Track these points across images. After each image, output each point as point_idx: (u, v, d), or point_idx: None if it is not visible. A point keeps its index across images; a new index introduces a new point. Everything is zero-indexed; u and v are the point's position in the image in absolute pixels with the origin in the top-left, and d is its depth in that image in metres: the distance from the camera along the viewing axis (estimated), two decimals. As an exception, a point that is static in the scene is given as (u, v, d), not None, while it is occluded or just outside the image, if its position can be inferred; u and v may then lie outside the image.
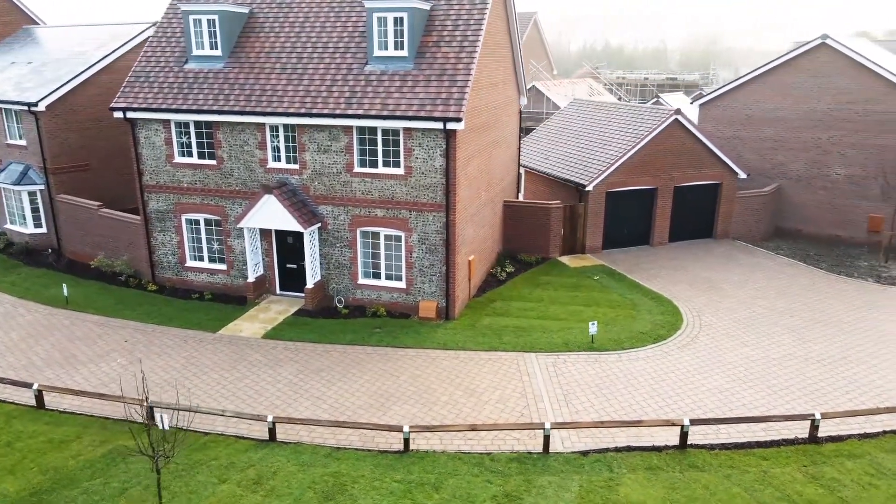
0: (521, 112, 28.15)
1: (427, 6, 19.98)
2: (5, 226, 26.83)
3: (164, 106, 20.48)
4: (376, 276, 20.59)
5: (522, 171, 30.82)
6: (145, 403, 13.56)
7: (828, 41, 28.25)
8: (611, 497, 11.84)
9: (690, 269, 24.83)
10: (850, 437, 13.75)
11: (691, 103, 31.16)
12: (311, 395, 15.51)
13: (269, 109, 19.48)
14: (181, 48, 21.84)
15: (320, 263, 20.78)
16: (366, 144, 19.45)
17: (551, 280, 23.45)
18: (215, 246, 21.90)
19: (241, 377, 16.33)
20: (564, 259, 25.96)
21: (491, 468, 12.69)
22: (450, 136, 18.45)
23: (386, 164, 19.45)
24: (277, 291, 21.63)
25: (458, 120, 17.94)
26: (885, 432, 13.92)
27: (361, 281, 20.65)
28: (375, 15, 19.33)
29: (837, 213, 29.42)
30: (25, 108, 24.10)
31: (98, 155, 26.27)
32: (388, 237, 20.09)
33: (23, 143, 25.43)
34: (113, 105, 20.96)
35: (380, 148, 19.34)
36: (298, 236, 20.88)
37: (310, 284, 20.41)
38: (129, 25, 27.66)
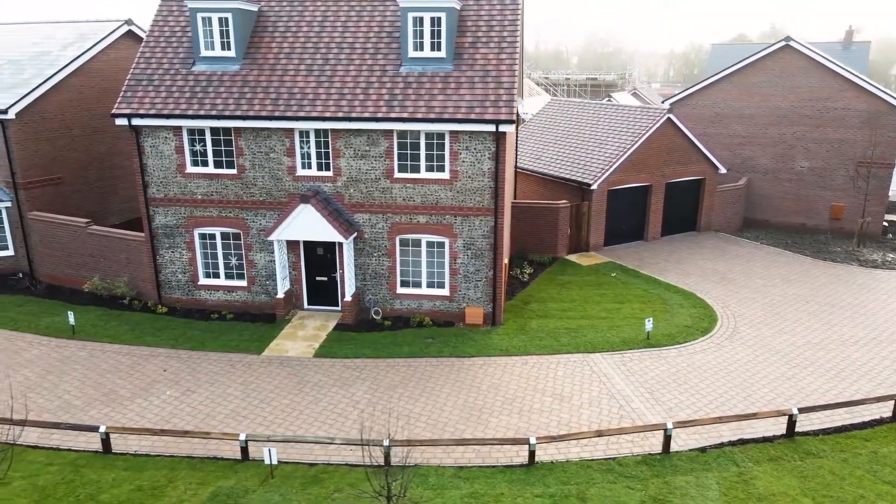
0: (517, 113, 28.14)
1: (459, 6, 19.53)
2: (-40, 249, 23.70)
3: (176, 112, 18.78)
4: (416, 284, 19.91)
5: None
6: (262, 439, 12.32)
7: (791, 43, 30.23)
8: (752, 492, 12.04)
9: (692, 261, 25.80)
10: (925, 412, 14.75)
11: (662, 102, 32.34)
12: (400, 413, 14.74)
13: (301, 114, 18.34)
14: (185, 48, 20.13)
15: (355, 274, 19.83)
16: (407, 149, 18.74)
17: (572, 279, 23.63)
18: (233, 261, 20.37)
19: (314, 401, 15.26)
20: (573, 258, 26.24)
21: (623, 473, 12.57)
22: (500, 138, 18.13)
23: (429, 168, 18.83)
24: (305, 306, 20.43)
25: (512, 122, 17.67)
26: (951, 405, 15.04)
27: (400, 290, 19.89)
28: (411, 15, 18.66)
29: (802, 203, 31.58)
30: (-9, 115, 21.37)
31: (70, 167, 23.78)
32: (430, 244, 19.47)
33: (-18, 155, 22.55)
34: (115, 111, 18.98)
35: (423, 152, 18.70)
36: (330, 247, 19.82)
37: (347, 297, 19.43)
38: (96, 24, 25.19)
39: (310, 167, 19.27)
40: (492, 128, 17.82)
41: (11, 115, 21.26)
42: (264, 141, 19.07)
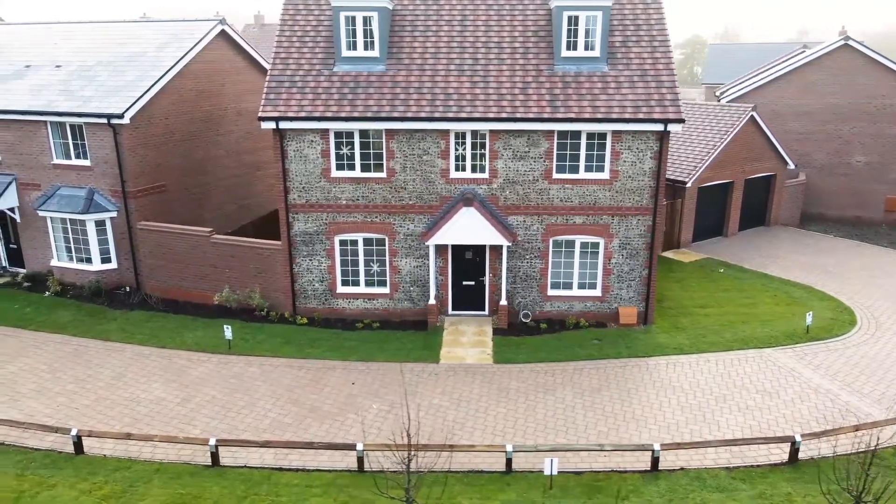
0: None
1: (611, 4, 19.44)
2: (53, 263, 22.21)
3: (327, 114, 18.08)
4: (567, 286, 19.71)
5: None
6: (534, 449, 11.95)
7: (850, 42, 31.29)
8: None
9: (785, 255, 26.37)
10: None
11: (718, 100, 33.05)
12: (623, 416, 14.57)
13: (462, 115, 17.92)
14: (322, 48, 19.40)
15: (506, 278, 19.50)
16: (566, 149, 18.55)
17: (684, 276, 23.85)
18: (375, 268, 19.74)
19: (529, 408, 14.92)
20: (669, 254, 26.47)
21: (893, 466, 12.73)
22: (664, 137, 18.14)
23: (588, 168, 18.68)
24: (450, 312, 19.97)
25: (681, 121, 17.69)
26: None
27: (551, 293, 19.67)
28: (566, 14, 18.48)
29: (858, 196, 32.71)
30: (103, 120, 20.11)
31: (172, 174, 22.62)
32: (584, 244, 19.31)
33: (84, 162, 21.19)
34: (262, 114, 18.14)
35: (583, 152, 18.54)
36: (479, 250, 19.44)
37: (503, 301, 19.11)
38: (188, 23, 23.99)
39: (464, 169, 18.85)
40: (659, 127, 17.82)
41: (126, 119, 20.07)
42: (418, 143, 18.55)
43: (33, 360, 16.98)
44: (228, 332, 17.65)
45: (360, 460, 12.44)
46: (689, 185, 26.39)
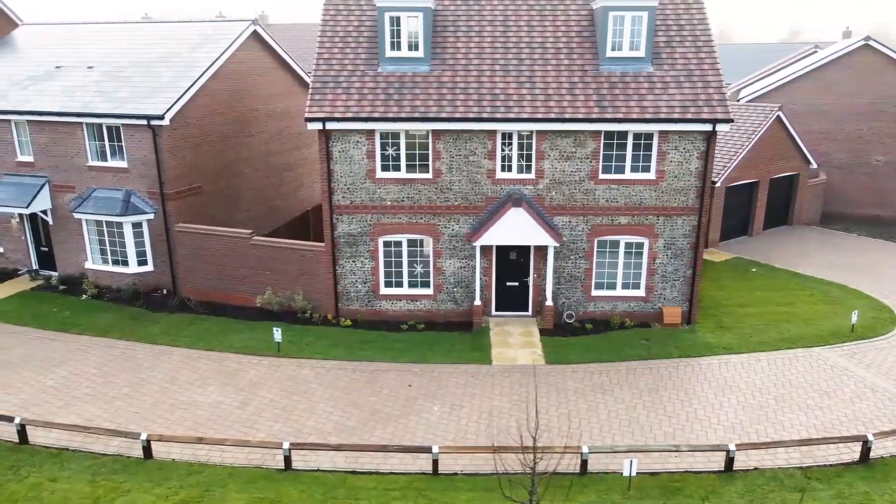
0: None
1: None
2: (87, 266, 21.99)
3: (374, 115, 17.99)
4: (611, 286, 19.70)
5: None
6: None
7: (870, 43, 31.49)
8: None
9: (814, 254, 26.47)
10: None
11: (739, 100, 33.18)
12: (686, 416, 14.56)
13: (510, 115, 17.87)
14: (364, 48, 19.32)
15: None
16: (613, 149, 18.54)
17: (718, 276, 23.89)
18: (419, 269, 19.66)
19: (590, 408, 14.89)
20: (699, 254, 26.50)
21: (957, 464, 12.79)
22: (711, 137, 18.16)
23: (634, 169, 18.68)
24: (493, 312, 19.92)
25: (729, 121, 17.72)
26: None
27: (595, 293, 19.66)
28: (611, 14, 18.48)
29: (878, 195, 32.92)
30: (142, 122, 19.93)
31: (206, 175, 22.44)
32: (628, 245, 19.31)
33: (121, 164, 20.99)
34: (309, 115, 18.03)
35: (629, 152, 18.54)
36: (524, 251, 19.40)
37: (549, 302, 19.07)
38: (220, 24, 23.84)
39: (510, 170, 18.80)
40: (708, 127, 17.84)
41: (166, 120, 19.90)
42: (465, 144, 18.50)
43: (82, 364, 16.80)
44: (278, 334, 17.52)
45: (436, 463, 12.36)
46: (717, 184, 26.45)
